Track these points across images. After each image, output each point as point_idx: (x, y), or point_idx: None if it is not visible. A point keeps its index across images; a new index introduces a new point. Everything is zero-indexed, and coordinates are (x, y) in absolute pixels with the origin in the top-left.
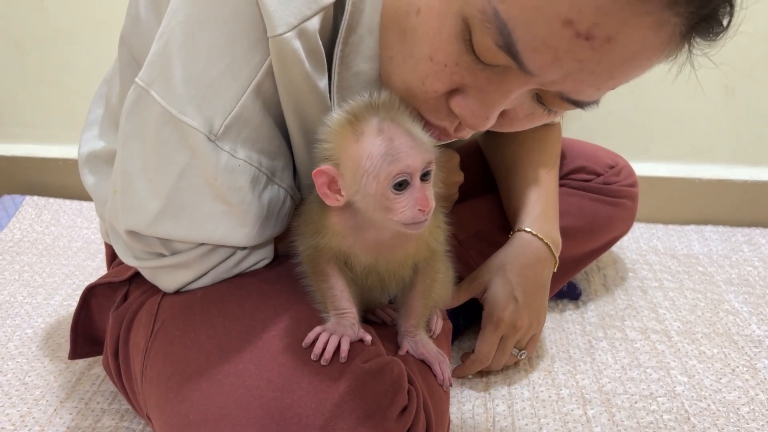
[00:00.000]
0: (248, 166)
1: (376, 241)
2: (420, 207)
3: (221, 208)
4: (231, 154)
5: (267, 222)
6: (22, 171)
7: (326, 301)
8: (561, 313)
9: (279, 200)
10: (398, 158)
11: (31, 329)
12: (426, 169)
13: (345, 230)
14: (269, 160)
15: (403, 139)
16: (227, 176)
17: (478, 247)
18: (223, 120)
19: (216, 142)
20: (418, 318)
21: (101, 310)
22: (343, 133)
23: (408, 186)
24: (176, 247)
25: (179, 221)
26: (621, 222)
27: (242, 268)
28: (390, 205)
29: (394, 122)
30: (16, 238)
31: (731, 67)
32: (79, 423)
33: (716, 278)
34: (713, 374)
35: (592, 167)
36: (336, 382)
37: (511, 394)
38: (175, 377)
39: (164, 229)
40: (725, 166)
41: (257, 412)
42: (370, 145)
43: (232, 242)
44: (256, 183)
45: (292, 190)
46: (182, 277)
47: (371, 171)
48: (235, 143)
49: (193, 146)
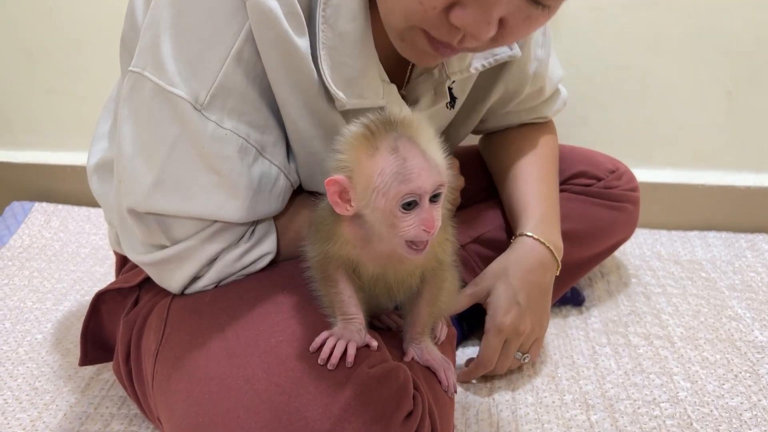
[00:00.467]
0: (235, 137)
1: (385, 252)
2: (425, 227)
3: (213, 180)
4: (217, 124)
5: (259, 197)
6: (31, 178)
7: (334, 306)
8: (564, 319)
9: (270, 176)
10: (409, 179)
11: (40, 335)
12: (436, 191)
13: (355, 240)
14: (258, 134)
15: (417, 160)
16: (214, 144)
17: (481, 252)
18: (207, 90)
19: (202, 111)
20: (423, 325)
21: (111, 317)
22: (358, 146)
23: (416, 206)
24: (175, 235)
25: (173, 194)
26: (623, 227)
27: (245, 262)
28: (396, 223)
29: (411, 141)
30: (26, 244)
31: (734, 73)
32: (88, 428)
33: (719, 284)
34: (716, 380)
35: (592, 172)
36: (342, 387)
37: (515, 400)
38: (184, 381)
39: (159, 203)
40: (728, 172)
41: (265, 416)
42: (384, 162)
43: (225, 215)
44: (244, 154)
45: (285, 168)
46: (185, 270)
47: (381, 188)
48: (221, 114)
49: (182, 116)
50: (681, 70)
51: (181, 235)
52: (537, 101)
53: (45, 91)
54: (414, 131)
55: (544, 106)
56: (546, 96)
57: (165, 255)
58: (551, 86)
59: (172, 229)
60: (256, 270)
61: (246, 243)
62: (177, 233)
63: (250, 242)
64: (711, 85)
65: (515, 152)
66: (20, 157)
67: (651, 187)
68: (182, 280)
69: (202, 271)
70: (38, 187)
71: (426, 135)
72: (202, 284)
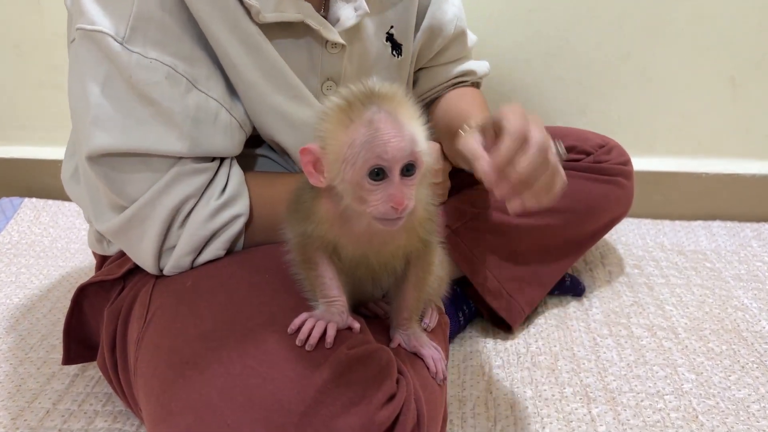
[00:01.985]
0: (160, 65)
1: (364, 232)
2: (393, 203)
3: (148, 111)
4: (141, 54)
5: (200, 129)
6: (20, 173)
7: (315, 289)
8: (565, 310)
9: (209, 109)
10: (377, 147)
11: (26, 331)
12: (408, 162)
13: (333, 218)
14: (186, 66)
15: (390, 131)
16: (141, 71)
17: (472, 236)
18: (126, 22)
19: (125, 44)
20: (410, 311)
21: (93, 312)
22: (335, 117)
23: (386, 179)
24: (130, 192)
25: (111, 128)
26: (617, 201)
27: (217, 223)
28: (365, 196)
29: (388, 114)
30: (14, 240)
31: (737, 59)
32: (71, 425)
33: (724, 274)
34: (722, 371)
35: (581, 147)
36: (319, 368)
37: (513, 393)
38: (161, 367)
39: (100, 140)
40: (733, 161)
41: (238, 399)
42: (355, 133)
43: (167, 148)
44: (174, 82)
45: (226, 104)
46: (150, 233)
47: (350, 158)
48: (144, 46)
49: (107, 51)
50: (683, 57)
51: (136, 191)
52: (461, 53)
53: (34, 85)
54: (395, 105)
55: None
56: (469, 51)
57: (126, 216)
58: (471, 42)
59: (125, 186)
60: (232, 234)
61: (216, 201)
62: (131, 190)
63: (220, 200)
64: (714, 72)
65: (453, 104)
66: (9, 152)
67: (654, 176)
68: (152, 246)
69: (171, 236)
70: (27, 183)
71: (407, 111)
72: (179, 253)
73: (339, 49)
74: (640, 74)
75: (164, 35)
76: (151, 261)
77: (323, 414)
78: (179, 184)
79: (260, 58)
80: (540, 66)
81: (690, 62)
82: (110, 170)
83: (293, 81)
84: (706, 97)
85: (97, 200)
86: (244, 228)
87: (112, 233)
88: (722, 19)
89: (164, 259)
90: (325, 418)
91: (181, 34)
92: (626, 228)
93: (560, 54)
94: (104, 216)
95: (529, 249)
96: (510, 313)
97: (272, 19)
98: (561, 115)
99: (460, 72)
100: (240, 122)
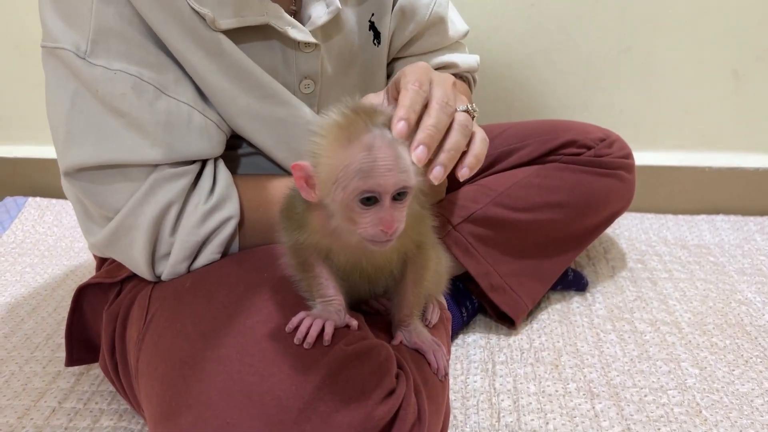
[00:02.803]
0: (126, 75)
1: (356, 245)
2: (383, 227)
3: (119, 122)
4: (105, 67)
5: (173, 134)
6: (24, 173)
7: (312, 289)
8: (568, 306)
9: (181, 114)
10: (370, 176)
11: (31, 330)
12: (399, 190)
13: (325, 230)
14: (153, 73)
15: (388, 162)
16: (106, 84)
17: (475, 232)
18: (87, 36)
19: (87, 58)
20: (411, 308)
21: (94, 313)
22: (332, 134)
23: (376, 203)
24: (112, 203)
25: (84, 142)
26: (619, 195)
27: (208, 228)
28: (355, 218)
29: (390, 143)
30: (19, 239)
31: (740, 51)
32: (77, 424)
33: (728, 268)
34: (726, 366)
35: (582, 141)
36: (317, 365)
37: (517, 389)
38: (161, 367)
39: (75, 155)
40: (736, 154)
41: (236, 397)
42: (353, 158)
43: (141, 157)
44: (141, 91)
45: (198, 106)
46: (139, 242)
47: (342, 181)
48: (108, 58)
49: (71, 67)
50: (685, 51)
51: (118, 202)
52: (440, 43)
53: (36, 85)
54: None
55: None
56: (451, 41)
57: (111, 228)
58: (455, 32)
59: (107, 198)
60: (225, 238)
61: (204, 205)
62: (113, 201)
63: (208, 204)
64: (717, 65)
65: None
66: (13, 151)
67: (657, 170)
68: (143, 255)
69: (163, 244)
70: (32, 182)
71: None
72: (174, 260)
73: (313, 48)
74: (642, 68)
75: (127, 45)
76: (145, 269)
77: (321, 410)
78: (159, 190)
79: (223, 62)
80: (541, 61)
81: (692, 55)
82: (89, 184)
83: (263, 80)
84: (709, 90)
85: (83, 215)
86: (237, 230)
87: (102, 246)
88: (724, 11)
89: (160, 266)
90: (324, 414)
91: (144, 43)
92: (629, 222)
93: (562, 48)
94: (92, 230)
95: (530, 243)
96: (513, 307)
97: (230, 25)
98: (563, 109)
99: (438, 64)
100: (216, 123)
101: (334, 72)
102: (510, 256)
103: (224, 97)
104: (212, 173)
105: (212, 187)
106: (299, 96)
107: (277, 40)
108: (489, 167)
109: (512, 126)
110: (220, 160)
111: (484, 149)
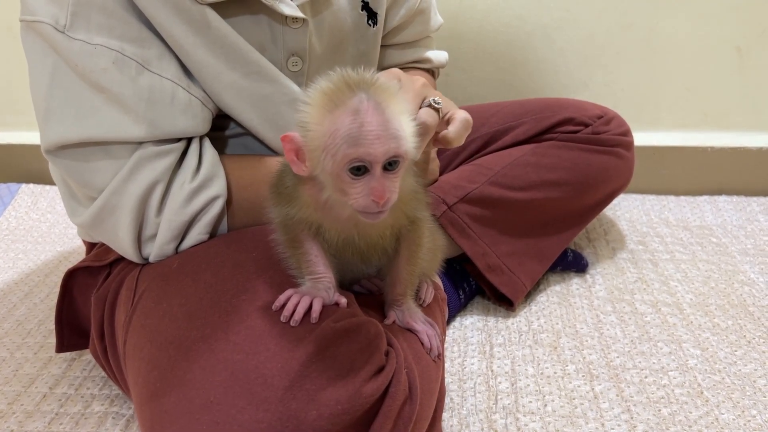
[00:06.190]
0: (106, 50)
1: (349, 218)
2: (374, 197)
3: (100, 98)
4: (85, 41)
5: (156, 111)
6: (17, 159)
7: (301, 266)
8: (567, 287)
9: (164, 90)
10: (359, 143)
11: (23, 316)
12: (391, 159)
13: (316, 203)
14: (135, 48)
15: (375, 125)
16: (86, 59)
17: (470, 212)
18: (66, 9)
19: (66, 32)
20: (404, 286)
21: (83, 298)
22: (318, 101)
23: (367, 173)
24: (95, 182)
25: (64, 120)
26: (617, 173)
27: (195, 207)
28: (345, 189)
29: (377, 106)
30: (12, 226)
31: (743, 28)
32: (68, 409)
33: (731, 249)
34: (728, 346)
35: (579, 118)
36: (303, 341)
37: (515, 371)
38: (146, 348)
39: (56, 132)
40: (739, 133)
41: (221, 375)
42: (339, 123)
43: (124, 134)
44: (122, 66)
45: (182, 82)
46: (123, 222)
47: (331, 149)
48: (88, 32)
49: (50, 41)
50: (687, 28)
51: (101, 180)
52: (422, 33)
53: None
54: (386, 97)
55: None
56: (431, 32)
57: (96, 207)
58: (435, 23)
59: (90, 177)
60: (212, 217)
61: (190, 184)
62: (96, 180)
63: (194, 183)
64: (719, 42)
65: None
66: (6, 137)
67: (659, 150)
68: (129, 236)
69: (149, 224)
70: (25, 169)
71: (399, 105)
72: (161, 241)
73: (301, 23)
74: (643, 45)
75: (108, 19)
76: (131, 251)
77: (307, 387)
78: (143, 169)
79: (209, 37)
80: (541, 38)
81: (695, 32)
82: (72, 162)
83: (250, 57)
84: (712, 68)
85: (68, 195)
86: (225, 209)
87: (87, 227)
88: None
89: (147, 248)
90: (310, 392)
91: (126, 16)
92: (630, 204)
93: (562, 26)
94: (77, 210)
95: (528, 222)
96: (511, 288)
97: None
98: (563, 88)
99: (416, 59)
100: (201, 100)
101: (323, 50)
102: (507, 235)
103: (209, 73)
104: (198, 151)
105: (198, 166)
106: (287, 73)
107: (265, 15)
108: (485, 146)
109: (508, 104)
110: (206, 138)
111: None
